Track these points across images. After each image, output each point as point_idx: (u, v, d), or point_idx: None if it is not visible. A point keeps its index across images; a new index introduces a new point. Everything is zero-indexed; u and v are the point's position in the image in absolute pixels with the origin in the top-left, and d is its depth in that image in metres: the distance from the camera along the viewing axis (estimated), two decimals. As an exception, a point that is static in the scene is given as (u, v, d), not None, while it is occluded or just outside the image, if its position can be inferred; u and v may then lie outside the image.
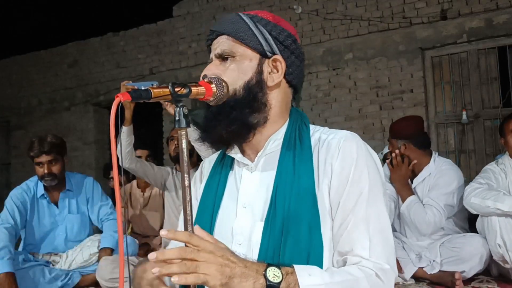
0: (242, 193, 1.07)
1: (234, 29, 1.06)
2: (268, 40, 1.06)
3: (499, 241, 2.52)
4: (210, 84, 0.97)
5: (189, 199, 0.87)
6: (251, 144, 1.08)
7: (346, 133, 1.05)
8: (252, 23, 1.06)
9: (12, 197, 3.08)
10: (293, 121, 1.09)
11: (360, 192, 0.98)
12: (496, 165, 2.83)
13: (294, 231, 0.95)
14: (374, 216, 0.97)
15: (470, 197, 2.63)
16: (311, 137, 1.07)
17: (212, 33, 1.11)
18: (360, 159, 1.00)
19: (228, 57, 1.06)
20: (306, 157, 1.02)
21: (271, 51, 1.06)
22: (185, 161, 0.87)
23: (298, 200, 0.97)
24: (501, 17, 4.78)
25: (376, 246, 0.95)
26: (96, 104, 7.45)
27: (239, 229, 1.04)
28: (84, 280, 3.08)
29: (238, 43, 1.05)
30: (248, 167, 1.09)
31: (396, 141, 2.98)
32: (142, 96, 0.84)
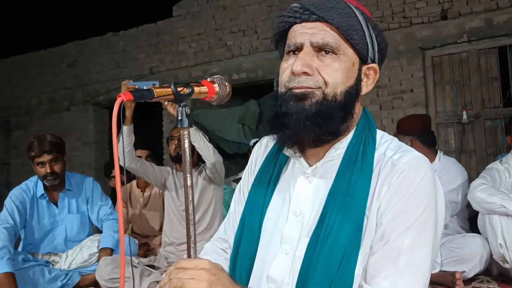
0: (295, 199, 1.00)
1: (345, 23, 0.91)
2: (374, 45, 0.96)
3: (501, 241, 2.52)
4: (213, 83, 0.95)
5: (191, 198, 0.87)
6: (315, 150, 0.99)
7: (414, 156, 0.93)
8: (364, 22, 0.94)
9: (12, 197, 3.08)
10: (361, 131, 0.99)
11: (406, 222, 0.88)
12: (500, 164, 2.83)
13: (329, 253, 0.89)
14: (410, 251, 0.87)
15: (476, 191, 2.62)
16: (376, 151, 0.96)
17: (309, 13, 0.92)
18: (418, 189, 0.89)
19: (330, 52, 0.92)
20: (364, 175, 0.92)
21: (372, 59, 0.97)
22: (188, 161, 0.87)
23: (343, 222, 0.90)
24: (502, 17, 4.78)
25: (398, 281, 0.86)
26: (96, 104, 7.45)
27: (288, 238, 0.98)
28: (83, 280, 3.07)
29: (344, 40, 0.92)
30: (305, 173, 1.01)
31: (403, 137, 2.96)
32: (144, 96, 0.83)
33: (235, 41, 6.27)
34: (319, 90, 0.91)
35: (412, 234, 0.87)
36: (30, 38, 8.68)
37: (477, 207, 2.67)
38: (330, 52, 0.92)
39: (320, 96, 0.91)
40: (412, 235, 0.87)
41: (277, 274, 0.98)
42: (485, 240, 2.66)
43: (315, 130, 0.91)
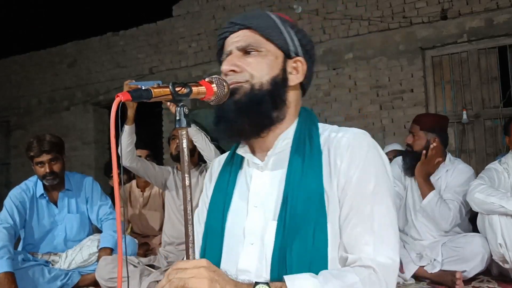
0: (252, 192, 1.08)
1: (262, 24, 1.07)
2: (294, 40, 1.09)
3: (500, 241, 2.52)
4: (211, 83, 0.96)
5: (189, 198, 0.87)
6: (261, 142, 1.08)
7: (356, 131, 1.06)
8: (280, 22, 1.09)
9: (11, 197, 3.08)
10: (303, 120, 1.10)
11: (366, 189, 0.99)
12: (499, 164, 2.83)
13: (302, 230, 0.96)
14: (380, 213, 0.98)
15: (474, 192, 2.62)
16: (321, 136, 1.07)
17: (233, 25, 1.09)
18: (369, 157, 1.01)
19: (253, 51, 1.06)
20: (315, 157, 1.02)
21: (295, 52, 1.09)
22: (186, 161, 0.87)
23: (306, 200, 0.98)
24: (502, 17, 4.78)
25: (379, 242, 0.96)
26: (96, 104, 7.45)
27: (251, 229, 1.04)
28: (83, 279, 3.08)
29: (264, 39, 1.06)
30: (258, 166, 1.09)
31: (427, 134, 2.93)
32: (142, 96, 0.83)
33: (235, 41, 6.26)
34: (247, 83, 1.03)
35: (376, 199, 0.99)
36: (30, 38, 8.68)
37: (476, 208, 2.66)
38: (254, 51, 1.05)
39: (248, 88, 1.03)
40: (377, 199, 0.99)
41: (248, 264, 1.02)
42: (486, 239, 2.66)
43: (248, 117, 1.02)
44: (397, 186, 3.01)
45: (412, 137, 2.96)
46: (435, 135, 2.91)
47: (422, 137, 2.92)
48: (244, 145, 1.12)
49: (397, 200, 3.00)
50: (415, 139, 2.94)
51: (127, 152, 2.98)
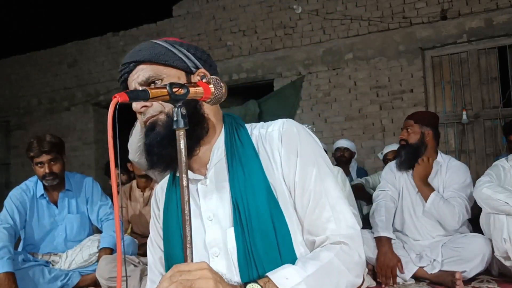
0: (203, 207, 1.09)
1: (154, 54, 1.06)
2: (189, 57, 1.09)
3: (505, 236, 2.51)
4: (208, 84, 0.96)
5: (187, 199, 0.87)
6: (198, 158, 1.10)
7: (283, 121, 1.10)
8: (169, 45, 1.09)
9: (11, 197, 3.08)
10: (228, 126, 1.12)
11: (311, 170, 1.05)
12: (506, 161, 2.83)
13: (259, 227, 1.00)
14: (329, 188, 1.05)
15: (482, 188, 2.62)
16: (251, 135, 1.11)
17: (127, 65, 1.09)
18: (303, 141, 1.06)
19: (155, 80, 1.06)
20: (250, 155, 1.06)
21: (195, 66, 1.10)
22: (183, 161, 0.88)
23: (255, 198, 1.02)
24: (501, 17, 4.78)
25: (339, 215, 1.03)
26: (96, 104, 7.45)
27: (212, 242, 1.06)
28: (83, 280, 3.07)
29: (161, 66, 1.06)
30: (202, 182, 1.11)
31: (422, 127, 2.97)
32: (140, 97, 0.84)
33: (235, 41, 6.27)
34: (161, 114, 1.05)
35: (322, 175, 1.05)
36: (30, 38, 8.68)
37: (482, 203, 2.67)
38: (156, 80, 1.06)
39: (164, 118, 1.04)
40: (323, 176, 1.05)
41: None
42: (486, 239, 2.65)
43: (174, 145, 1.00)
44: (390, 190, 3.03)
45: (406, 132, 3.01)
46: (429, 129, 2.95)
47: (416, 130, 2.97)
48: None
49: (392, 204, 3.02)
50: (410, 133, 2.99)
51: (137, 147, 2.98)
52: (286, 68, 5.96)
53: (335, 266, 0.97)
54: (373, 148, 5.33)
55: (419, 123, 2.98)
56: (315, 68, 5.76)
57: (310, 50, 5.76)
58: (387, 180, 3.08)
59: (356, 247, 1.02)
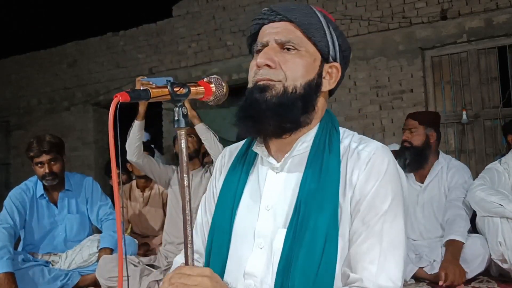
0: (265, 194, 1.04)
1: (307, 21, 0.99)
2: (335, 45, 1.03)
3: (500, 239, 2.52)
4: (210, 84, 0.95)
5: (188, 199, 0.87)
6: (280, 143, 1.04)
7: (377, 146, 1.01)
8: (325, 22, 1.02)
9: (11, 197, 3.08)
10: (324, 125, 1.05)
11: (380, 207, 0.95)
12: (499, 164, 2.83)
13: (311, 241, 0.93)
14: (391, 232, 0.94)
15: (476, 191, 2.62)
16: (341, 143, 1.03)
17: (275, 14, 1.01)
18: (387, 175, 0.96)
19: (292, 48, 0.99)
20: (333, 165, 0.98)
21: (333, 57, 1.04)
22: (184, 161, 0.87)
23: (320, 210, 0.94)
24: (501, 17, 4.78)
25: (384, 262, 0.92)
26: (96, 104, 7.44)
27: (261, 232, 1.01)
28: (83, 280, 3.07)
29: (306, 38, 1.00)
30: (274, 167, 1.04)
31: (425, 128, 2.94)
32: (141, 96, 0.83)
33: (235, 41, 6.27)
34: (279, 83, 0.97)
35: (389, 217, 0.94)
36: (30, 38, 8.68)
37: (475, 206, 2.67)
38: (293, 49, 0.99)
39: (281, 89, 0.97)
40: (389, 218, 0.94)
41: (255, 269, 1.00)
42: (486, 240, 2.65)
43: (275, 119, 0.97)
44: None
45: (410, 133, 2.98)
46: (433, 130, 2.94)
47: (421, 132, 2.95)
48: (261, 142, 1.07)
49: None
50: (414, 134, 2.96)
51: (135, 147, 2.98)
52: (286, 68, 5.94)
53: None
54: (373, 148, 5.33)
55: (424, 124, 2.94)
56: (315, 68, 5.75)
57: (310, 50, 5.76)
58: None
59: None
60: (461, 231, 2.65)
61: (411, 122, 3.01)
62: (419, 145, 2.92)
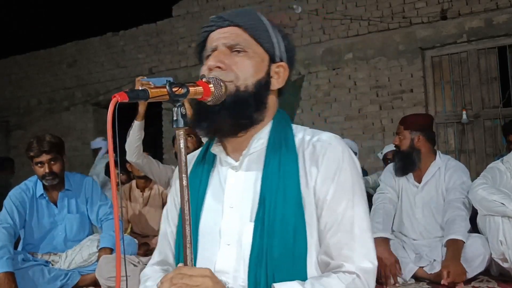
0: (228, 193, 1.07)
1: (253, 25, 1.05)
2: (280, 45, 1.08)
3: (501, 238, 2.52)
4: (208, 84, 0.95)
5: (187, 199, 0.87)
6: (236, 142, 1.07)
7: (331, 136, 1.07)
8: (270, 25, 1.08)
9: (11, 197, 3.07)
10: (277, 121, 1.10)
11: (346, 195, 1.01)
12: (501, 163, 2.83)
13: (281, 232, 0.97)
14: (359, 217, 1.01)
15: (478, 189, 2.63)
16: (295, 138, 1.08)
17: (222, 20, 1.06)
18: (345, 163, 1.02)
19: (241, 50, 1.04)
20: (291, 158, 1.03)
21: (280, 57, 1.09)
22: (183, 161, 0.87)
23: (285, 202, 0.99)
24: (501, 17, 4.78)
25: (360, 246, 1.00)
26: (96, 104, 7.45)
27: (227, 230, 1.04)
28: (83, 279, 3.07)
29: (253, 40, 1.05)
30: (233, 166, 1.08)
31: (410, 133, 2.98)
32: (139, 96, 0.83)
33: (235, 41, 6.27)
34: (231, 84, 1.01)
35: (355, 203, 1.01)
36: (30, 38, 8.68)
37: (477, 205, 2.67)
38: (241, 51, 1.04)
39: (233, 88, 1.01)
40: (356, 203, 1.01)
41: (226, 266, 1.03)
42: (486, 240, 2.65)
43: (230, 117, 1.01)
44: (389, 192, 3.04)
45: (398, 138, 3.03)
46: (419, 133, 2.95)
47: (407, 136, 2.99)
48: (218, 143, 1.11)
49: (390, 205, 3.02)
50: (401, 139, 3.00)
51: (134, 148, 2.98)
52: (286, 68, 5.95)
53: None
54: (372, 148, 5.33)
55: (409, 128, 2.99)
56: (315, 68, 5.75)
57: (310, 50, 5.76)
58: (386, 182, 3.10)
59: (369, 282, 1.00)
60: (462, 231, 2.66)
61: (398, 127, 3.09)
62: (405, 149, 2.98)
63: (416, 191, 2.99)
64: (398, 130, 3.06)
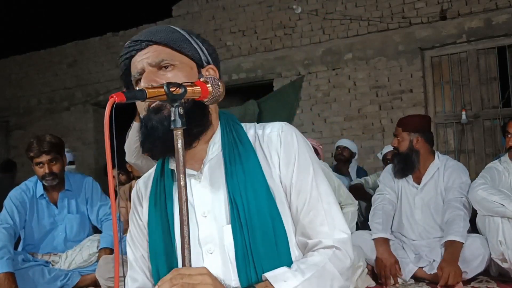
0: (197, 203, 1.07)
1: (171, 38, 1.05)
2: (203, 50, 1.09)
3: (501, 238, 2.52)
4: (206, 84, 0.95)
5: (185, 199, 0.87)
6: (191, 153, 1.07)
7: (282, 125, 1.11)
8: (187, 34, 1.09)
9: (11, 197, 3.08)
10: (225, 123, 1.11)
11: (308, 175, 1.07)
12: (499, 163, 2.84)
13: (260, 225, 1.01)
14: (324, 193, 1.08)
15: (478, 190, 2.63)
16: (247, 134, 1.11)
17: (139, 43, 1.06)
18: (301, 146, 1.08)
19: (168, 65, 1.04)
20: (250, 153, 1.06)
21: (206, 61, 1.10)
22: (181, 161, 0.88)
23: (255, 196, 1.02)
24: (501, 17, 4.79)
25: (332, 219, 1.05)
26: (96, 104, 7.45)
27: (207, 238, 1.05)
28: (83, 280, 3.07)
29: (176, 52, 1.05)
30: (195, 176, 1.08)
31: (409, 134, 2.97)
32: (136, 97, 0.84)
33: (235, 41, 6.27)
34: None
35: (318, 181, 1.08)
36: (30, 38, 8.68)
37: (477, 206, 2.67)
38: (169, 65, 1.04)
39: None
40: (318, 181, 1.08)
41: (214, 272, 1.00)
42: (486, 240, 2.66)
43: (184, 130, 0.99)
44: (389, 194, 3.04)
45: (397, 140, 3.03)
46: (417, 135, 2.95)
47: (405, 138, 2.98)
48: (173, 158, 1.08)
49: (390, 206, 3.02)
50: (399, 141, 3.00)
51: (133, 149, 2.98)
52: (286, 68, 5.96)
53: (329, 271, 1.00)
54: (372, 148, 5.33)
55: (407, 130, 2.98)
56: (315, 68, 5.75)
57: (310, 50, 5.76)
58: (386, 183, 3.10)
59: (348, 251, 1.05)
60: (460, 231, 2.66)
61: (396, 129, 3.08)
62: (403, 151, 2.97)
63: (416, 192, 2.99)
64: (396, 132, 3.05)
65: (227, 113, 1.16)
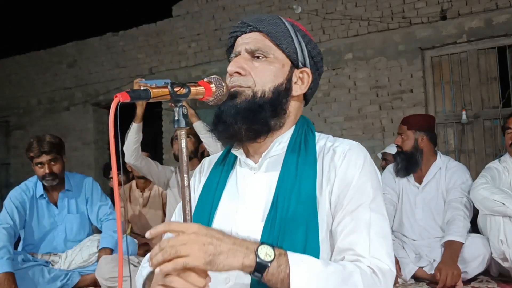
0: (243, 193, 1.08)
1: (274, 30, 1.06)
2: (303, 51, 1.09)
3: (502, 237, 2.53)
4: (210, 84, 0.96)
5: (188, 199, 0.87)
6: (256, 145, 1.08)
7: (352, 143, 1.07)
8: (293, 30, 1.08)
9: (11, 197, 3.08)
10: (300, 126, 1.10)
11: (364, 198, 0.99)
12: (499, 163, 2.84)
13: (291, 233, 0.96)
14: (377, 221, 0.98)
15: (479, 189, 2.64)
16: (316, 144, 1.08)
17: (245, 26, 1.09)
18: (365, 167, 1.02)
19: (261, 56, 1.06)
20: (310, 162, 1.03)
21: (303, 63, 1.09)
22: (185, 161, 0.88)
23: (298, 203, 0.98)
24: (501, 17, 4.78)
25: (377, 248, 0.95)
26: (96, 104, 7.45)
27: (238, 230, 1.03)
28: (83, 280, 3.07)
29: (275, 45, 1.06)
30: (251, 168, 1.09)
31: (414, 133, 2.97)
32: (141, 96, 0.84)
33: (235, 41, 6.26)
34: (249, 89, 1.04)
35: (374, 207, 0.99)
36: (30, 38, 8.67)
37: (479, 205, 2.68)
38: (262, 56, 1.06)
39: (250, 94, 1.03)
40: (374, 208, 0.99)
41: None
42: (486, 240, 2.66)
43: (245, 123, 1.02)
44: (389, 193, 3.04)
45: (401, 138, 3.01)
46: (422, 133, 2.95)
47: (410, 136, 2.98)
48: (239, 145, 1.12)
49: (391, 206, 3.02)
50: (404, 139, 3.00)
51: (133, 150, 2.99)
52: (286, 68, 5.95)
53: (355, 281, 0.89)
54: (372, 148, 5.33)
55: (413, 128, 2.98)
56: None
57: (310, 50, 5.76)
58: (386, 183, 3.10)
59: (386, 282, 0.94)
60: (460, 232, 2.66)
61: (401, 127, 3.06)
62: (408, 150, 2.97)
63: (417, 191, 2.99)
64: (401, 130, 3.04)
65: (307, 119, 1.16)
